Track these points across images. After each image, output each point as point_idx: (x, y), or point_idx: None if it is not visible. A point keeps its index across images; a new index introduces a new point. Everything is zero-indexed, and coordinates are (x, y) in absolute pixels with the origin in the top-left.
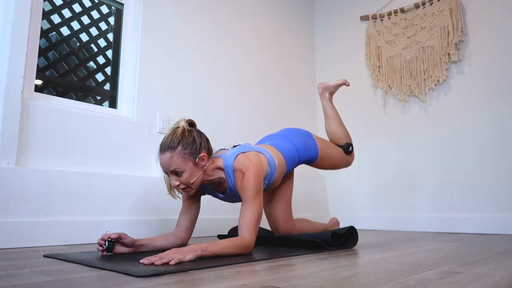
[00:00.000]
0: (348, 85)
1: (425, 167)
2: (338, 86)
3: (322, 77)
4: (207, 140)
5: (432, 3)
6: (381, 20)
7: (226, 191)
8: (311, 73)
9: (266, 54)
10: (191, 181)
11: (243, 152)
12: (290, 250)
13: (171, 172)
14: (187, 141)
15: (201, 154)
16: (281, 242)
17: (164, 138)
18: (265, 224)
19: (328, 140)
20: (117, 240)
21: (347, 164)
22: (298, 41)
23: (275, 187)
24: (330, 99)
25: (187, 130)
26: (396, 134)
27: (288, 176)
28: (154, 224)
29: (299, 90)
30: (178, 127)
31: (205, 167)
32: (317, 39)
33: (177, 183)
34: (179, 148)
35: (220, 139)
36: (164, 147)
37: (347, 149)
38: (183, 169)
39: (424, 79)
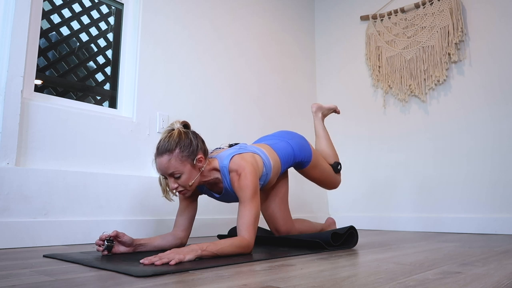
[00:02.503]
0: (338, 112)
1: (425, 167)
2: (330, 110)
3: (322, 77)
4: (203, 142)
5: (432, 3)
6: (381, 20)
7: (222, 191)
8: (311, 73)
9: (266, 54)
10: (190, 183)
11: (239, 154)
12: (290, 250)
13: (169, 175)
14: (184, 143)
15: (199, 156)
16: (281, 242)
17: (160, 141)
18: (264, 224)
19: None
20: (115, 238)
21: (335, 182)
22: (298, 41)
23: (270, 187)
24: (322, 120)
25: (183, 132)
26: (396, 134)
27: (282, 175)
28: (153, 224)
29: (299, 90)
30: (173, 129)
31: (203, 169)
32: (317, 39)
33: (176, 185)
34: (177, 150)
35: (219, 138)
36: (162, 150)
37: (336, 167)
38: (182, 172)
39: (424, 79)
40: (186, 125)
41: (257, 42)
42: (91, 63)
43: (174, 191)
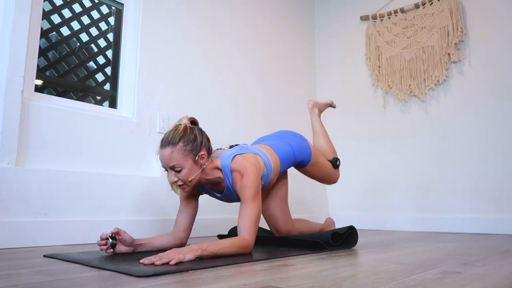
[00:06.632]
0: (334, 107)
1: (425, 167)
2: (326, 105)
3: (322, 77)
4: (208, 139)
5: (432, 3)
6: (381, 20)
7: (224, 190)
8: (311, 73)
9: (266, 54)
10: (189, 179)
11: (241, 154)
12: (290, 250)
13: (170, 167)
14: (188, 138)
15: (201, 153)
16: (281, 242)
17: (165, 134)
18: (264, 224)
19: None
20: (116, 235)
21: (334, 178)
22: (298, 41)
23: (270, 187)
24: (319, 116)
25: (189, 128)
26: (396, 134)
27: (282, 175)
28: (154, 224)
29: (299, 90)
30: (180, 124)
31: (204, 166)
32: (317, 39)
33: (175, 179)
34: (180, 144)
35: (219, 138)
36: (165, 143)
37: (335, 163)
38: (183, 166)
39: (424, 79)
40: (193, 121)
41: (257, 43)
42: (91, 63)
43: (175, 185)
